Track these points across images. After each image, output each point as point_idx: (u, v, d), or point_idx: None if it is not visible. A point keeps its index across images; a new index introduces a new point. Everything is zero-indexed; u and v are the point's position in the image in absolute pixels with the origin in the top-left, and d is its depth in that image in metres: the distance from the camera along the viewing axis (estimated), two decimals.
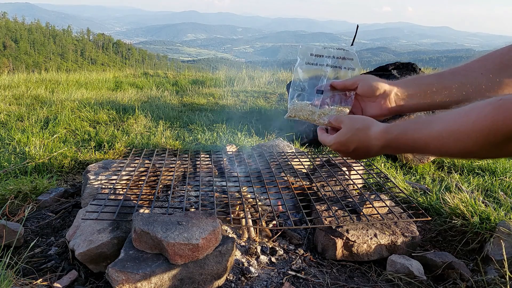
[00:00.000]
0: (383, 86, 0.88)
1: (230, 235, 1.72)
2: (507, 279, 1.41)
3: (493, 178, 2.77)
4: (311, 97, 0.97)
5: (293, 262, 1.61)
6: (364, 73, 4.15)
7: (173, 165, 2.16)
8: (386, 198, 1.89)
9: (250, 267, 1.54)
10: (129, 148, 3.19)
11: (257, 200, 1.79)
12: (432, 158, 3.13)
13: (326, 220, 1.66)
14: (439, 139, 0.65)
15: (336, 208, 1.77)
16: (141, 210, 1.63)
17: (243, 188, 1.93)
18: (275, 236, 1.77)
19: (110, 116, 4.39)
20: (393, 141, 0.75)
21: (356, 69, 0.95)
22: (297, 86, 0.98)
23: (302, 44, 0.99)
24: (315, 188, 1.97)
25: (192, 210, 1.73)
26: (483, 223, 1.80)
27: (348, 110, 0.94)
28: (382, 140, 0.77)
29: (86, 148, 3.28)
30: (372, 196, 1.88)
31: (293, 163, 2.29)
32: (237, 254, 1.61)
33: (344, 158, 2.37)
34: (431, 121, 0.68)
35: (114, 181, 1.90)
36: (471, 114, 0.60)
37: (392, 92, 0.88)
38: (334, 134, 0.87)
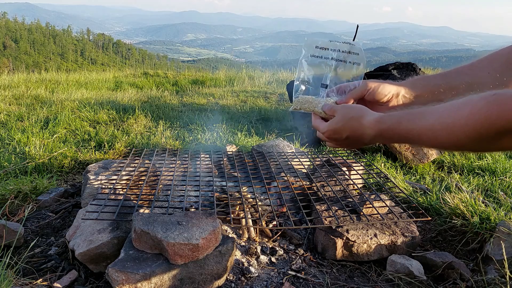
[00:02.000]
0: (390, 90, 0.88)
1: (230, 235, 1.72)
2: (507, 279, 1.41)
3: (493, 178, 2.77)
4: (316, 91, 0.97)
5: (293, 262, 1.61)
6: (364, 73, 4.14)
7: (173, 165, 2.16)
8: (386, 198, 1.89)
9: (250, 267, 1.54)
10: (129, 148, 3.19)
11: (257, 200, 1.79)
12: (432, 158, 3.13)
13: (326, 220, 1.66)
14: (432, 132, 0.66)
15: (336, 208, 1.77)
16: (141, 210, 1.63)
17: (243, 188, 1.93)
18: (275, 236, 1.77)
19: (110, 116, 4.39)
20: (386, 131, 0.75)
21: (361, 64, 0.94)
22: (301, 79, 0.98)
23: (308, 36, 0.99)
24: (315, 188, 1.97)
25: (192, 210, 1.73)
26: (483, 223, 1.80)
27: None
28: (375, 129, 0.77)
29: (86, 148, 3.28)
30: (372, 196, 1.88)
31: (293, 163, 2.28)
32: (237, 254, 1.61)
33: (336, 148, 2.37)
34: (425, 113, 0.68)
35: (114, 181, 1.90)
36: (465, 108, 0.61)
37: (400, 94, 0.88)
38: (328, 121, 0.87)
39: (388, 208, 1.76)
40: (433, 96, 0.85)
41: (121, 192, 1.79)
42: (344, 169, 2.20)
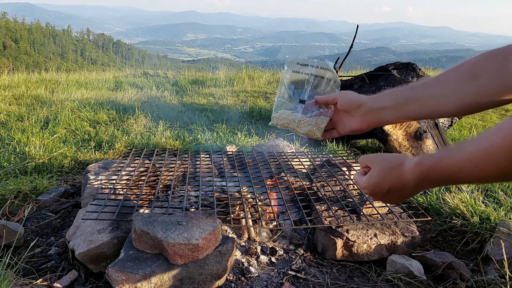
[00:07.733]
0: (359, 101, 0.92)
1: (230, 235, 1.72)
2: (507, 279, 1.41)
3: None
4: (295, 106, 1.01)
5: (293, 262, 1.61)
6: (364, 73, 4.13)
7: (173, 165, 2.16)
8: None
9: (250, 267, 1.54)
10: (129, 148, 3.19)
11: (257, 200, 1.79)
12: None
13: (326, 220, 1.66)
14: (472, 160, 0.64)
15: (336, 208, 1.77)
16: (141, 210, 1.63)
17: (243, 188, 1.93)
18: (275, 236, 1.77)
19: (110, 116, 4.39)
20: (428, 172, 0.73)
21: (336, 81, 1.01)
22: (282, 95, 1.02)
23: (289, 55, 1.05)
24: (315, 188, 1.97)
25: (192, 210, 1.73)
26: (483, 223, 1.80)
27: (326, 121, 0.98)
28: (417, 173, 0.75)
29: (86, 148, 3.28)
30: None
31: (293, 163, 2.28)
32: (237, 254, 1.61)
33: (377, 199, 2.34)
34: (463, 145, 0.67)
35: (114, 181, 1.90)
36: (501, 130, 0.60)
37: (368, 106, 0.91)
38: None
39: (388, 208, 1.76)
40: (400, 108, 0.88)
41: (121, 192, 1.80)
42: (344, 169, 2.20)
